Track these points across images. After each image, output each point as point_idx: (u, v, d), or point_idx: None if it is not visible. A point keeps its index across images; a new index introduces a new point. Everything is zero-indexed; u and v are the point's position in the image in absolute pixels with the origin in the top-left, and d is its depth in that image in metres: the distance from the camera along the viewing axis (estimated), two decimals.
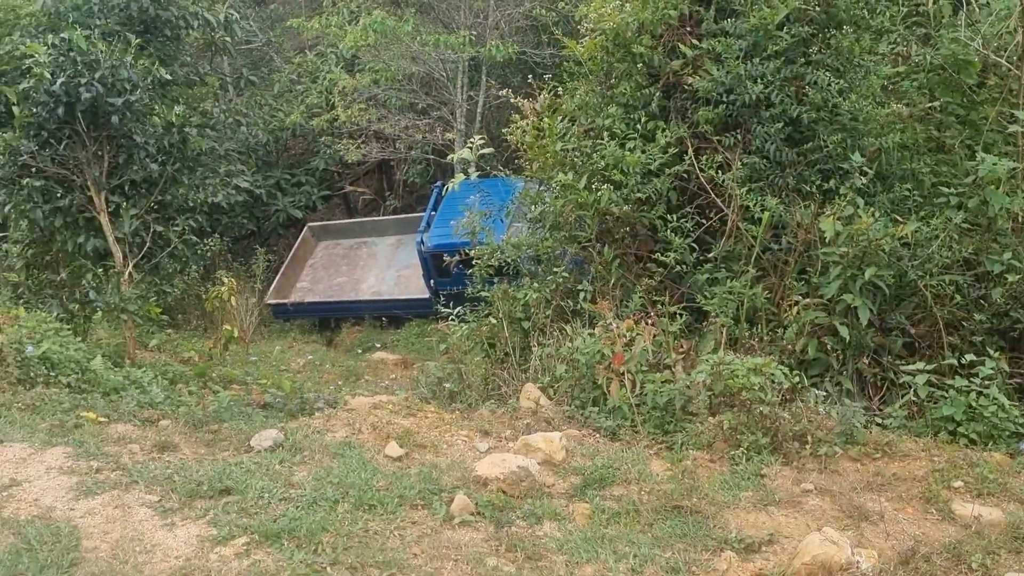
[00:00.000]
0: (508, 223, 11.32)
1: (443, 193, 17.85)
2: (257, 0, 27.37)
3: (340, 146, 19.55)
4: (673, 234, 8.26)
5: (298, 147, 24.81)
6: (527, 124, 9.93)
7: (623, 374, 6.89)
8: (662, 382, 6.77)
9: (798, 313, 7.60)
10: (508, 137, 10.05)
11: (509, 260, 9.58)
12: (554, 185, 9.13)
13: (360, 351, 17.73)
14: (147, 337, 15.03)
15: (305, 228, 20.84)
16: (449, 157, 19.13)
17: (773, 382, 6.11)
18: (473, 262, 10.03)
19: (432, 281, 17.26)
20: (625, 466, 5.73)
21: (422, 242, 17.06)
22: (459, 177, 10.78)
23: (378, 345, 17.58)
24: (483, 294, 9.47)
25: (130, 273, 10.64)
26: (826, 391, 6.90)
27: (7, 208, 10.52)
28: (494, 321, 9.18)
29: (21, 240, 11.59)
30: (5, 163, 10.42)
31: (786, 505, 5.24)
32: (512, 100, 9.87)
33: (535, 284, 8.91)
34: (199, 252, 12.17)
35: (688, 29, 8.76)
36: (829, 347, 7.54)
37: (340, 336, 18.84)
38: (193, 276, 16.38)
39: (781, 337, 7.75)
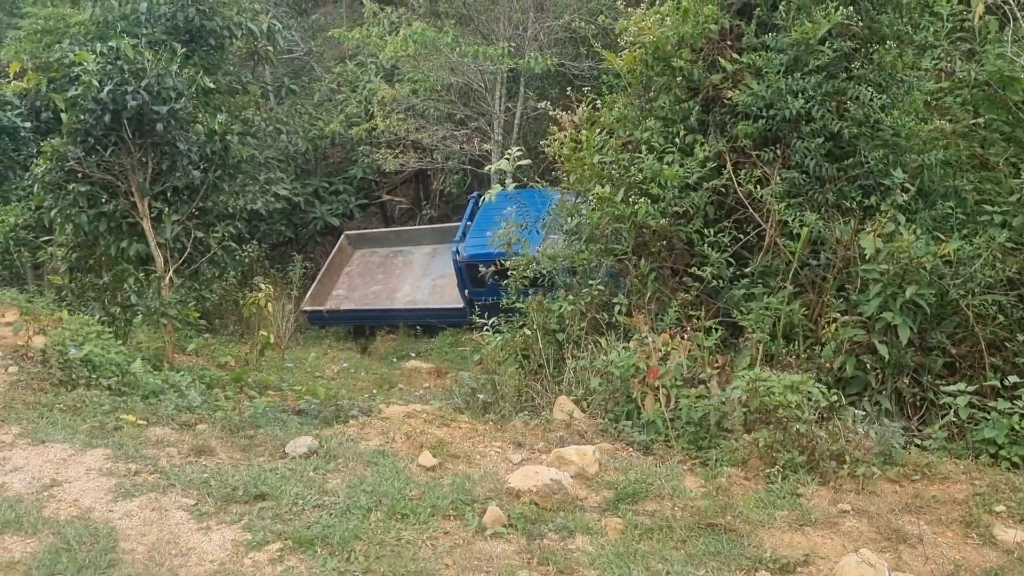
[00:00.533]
0: (544, 235, 11.33)
1: (479, 203, 17.92)
2: (299, 10, 27.76)
3: (378, 155, 19.70)
4: (710, 248, 8.20)
5: (336, 156, 25.05)
6: (565, 136, 9.93)
7: (658, 388, 6.84)
8: (696, 397, 6.71)
9: (836, 330, 7.50)
10: (545, 149, 10.05)
11: (544, 272, 9.57)
12: (591, 197, 9.11)
13: (394, 359, 17.81)
14: (185, 341, 15.23)
15: (342, 236, 21.01)
16: (486, 168, 19.19)
17: (810, 400, 6.03)
18: (508, 273, 10.05)
19: (466, 291, 17.32)
20: (658, 481, 5.68)
21: (457, 252, 17.13)
22: (496, 188, 10.82)
23: (412, 354, 17.65)
24: (518, 305, 9.46)
25: (170, 278, 10.79)
26: (864, 410, 6.80)
27: (53, 212, 10.73)
28: (528, 332, 9.17)
29: (66, 244, 11.81)
30: (53, 168, 10.64)
31: (822, 525, 5.16)
32: (550, 112, 9.87)
33: (570, 296, 8.89)
34: (237, 258, 12.33)
35: (728, 43, 8.72)
36: (868, 365, 7.43)
37: (374, 344, 18.95)
38: (231, 282, 16.59)
39: (818, 354, 7.65)
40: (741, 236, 8.34)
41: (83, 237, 11.15)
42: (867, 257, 7.53)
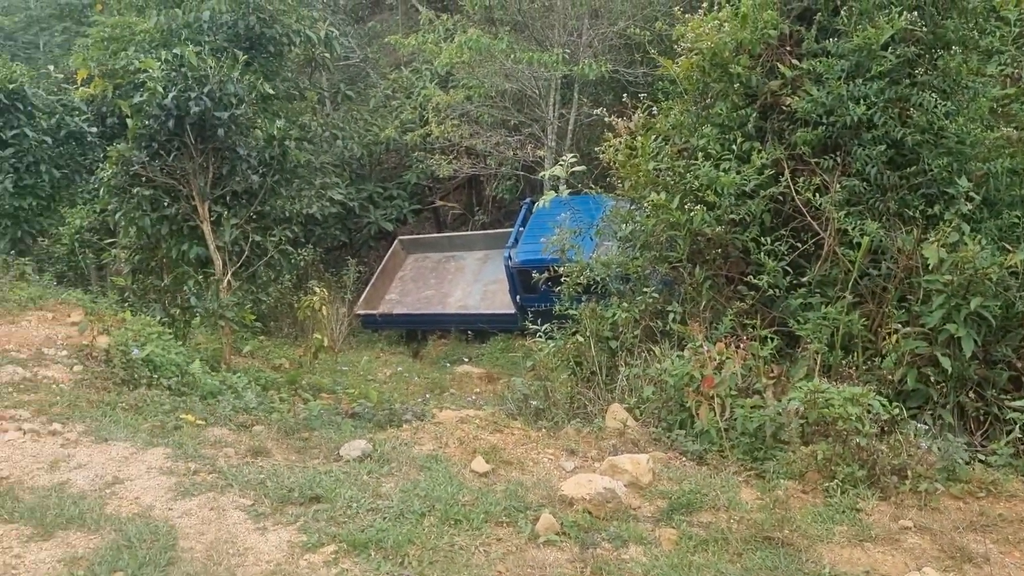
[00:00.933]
0: (597, 241, 11.27)
1: (532, 209, 17.93)
2: (356, 18, 28.09)
3: (432, 161, 19.82)
4: (766, 257, 8.08)
5: (391, 161, 25.28)
6: (620, 143, 9.87)
7: (712, 398, 6.75)
8: (752, 407, 6.60)
9: (897, 342, 7.33)
10: (600, 155, 10.00)
11: (598, 278, 9.52)
12: (646, 204, 9.03)
13: (445, 364, 17.88)
14: (241, 343, 15.48)
15: (395, 241, 21.18)
16: (540, 174, 19.20)
17: (870, 413, 5.89)
18: (561, 279, 10.02)
19: (518, 297, 17.32)
20: (713, 492, 5.60)
21: (509, 257, 17.14)
22: (550, 194, 10.81)
23: (464, 359, 17.70)
24: (571, 312, 9.42)
25: (228, 281, 10.97)
26: (925, 424, 6.63)
27: (118, 215, 10.98)
28: (581, 339, 9.13)
29: (128, 246, 12.09)
30: (118, 172, 10.90)
31: (883, 542, 5.03)
32: (606, 119, 9.81)
33: (624, 304, 8.82)
34: (293, 262, 12.49)
35: (788, 49, 8.59)
36: (930, 379, 7.24)
37: (426, 348, 19.05)
38: (286, 285, 16.84)
39: (878, 366, 7.48)
40: (798, 245, 8.19)
41: (145, 240, 11.39)
42: (930, 267, 7.35)
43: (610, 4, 18.12)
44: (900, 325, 7.48)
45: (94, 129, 16.97)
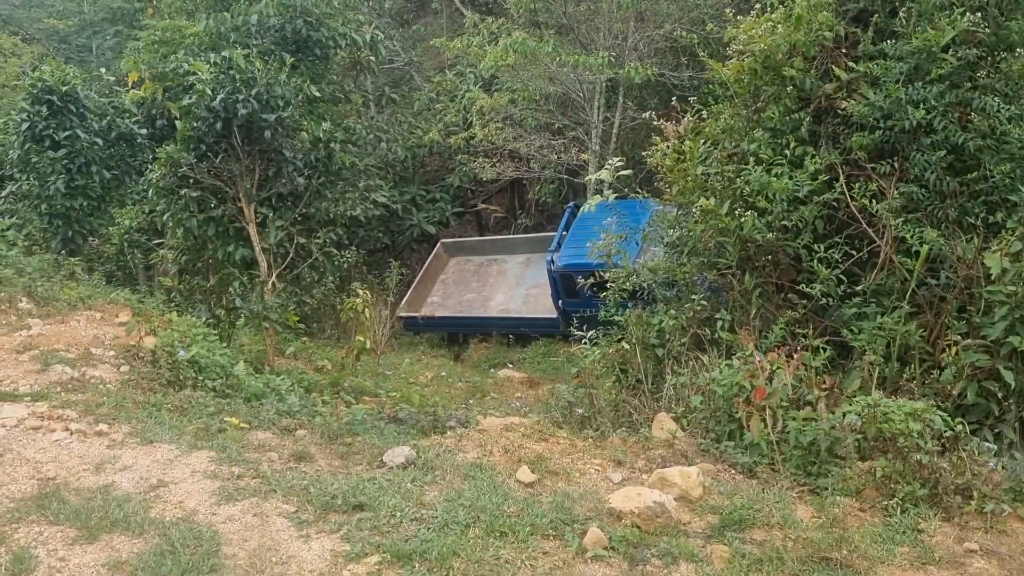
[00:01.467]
0: (642, 246, 11.08)
1: (576, 213, 17.76)
2: (401, 21, 28.15)
3: (476, 164, 19.73)
4: (820, 264, 7.83)
5: (433, 164, 25.27)
6: (668, 147, 9.68)
7: (764, 409, 6.54)
8: (805, 420, 6.38)
9: (957, 354, 7.05)
10: (648, 159, 9.81)
11: (644, 284, 9.34)
12: (694, 210, 8.83)
13: (487, 367, 17.78)
14: (284, 344, 15.53)
15: (438, 244, 21.13)
16: (586, 178, 19.03)
17: (931, 429, 5.64)
18: (607, 285, 9.86)
19: (560, 301, 17.17)
20: (767, 508, 5.40)
21: (552, 261, 16.99)
22: (596, 198, 10.65)
23: (506, 363, 17.59)
24: (616, 318, 9.25)
25: (273, 282, 10.97)
26: (986, 440, 6.35)
27: (165, 216, 11.04)
28: (627, 346, 8.95)
29: (176, 247, 12.16)
30: (167, 174, 10.96)
31: (947, 565, 4.80)
32: (654, 122, 9.62)
33: (671, 311, 8.63)
34: (336, 264, 12.47)
35: (843, 51, 8.34)
36: (991, 393, 6.96)
37: (467, 352, 18.97)
38: (329, 287, 16.88)
39: (937, 379, 7.21)
40: (852, 252, 7.93)
41: (192, 241, 11.44)
42: (992, 277, 7.06)
43: (656, 7, 17.91)
44: (959, 337, 7.21)
45: (144, 131, 17.15)
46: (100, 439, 6.43)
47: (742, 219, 8.01)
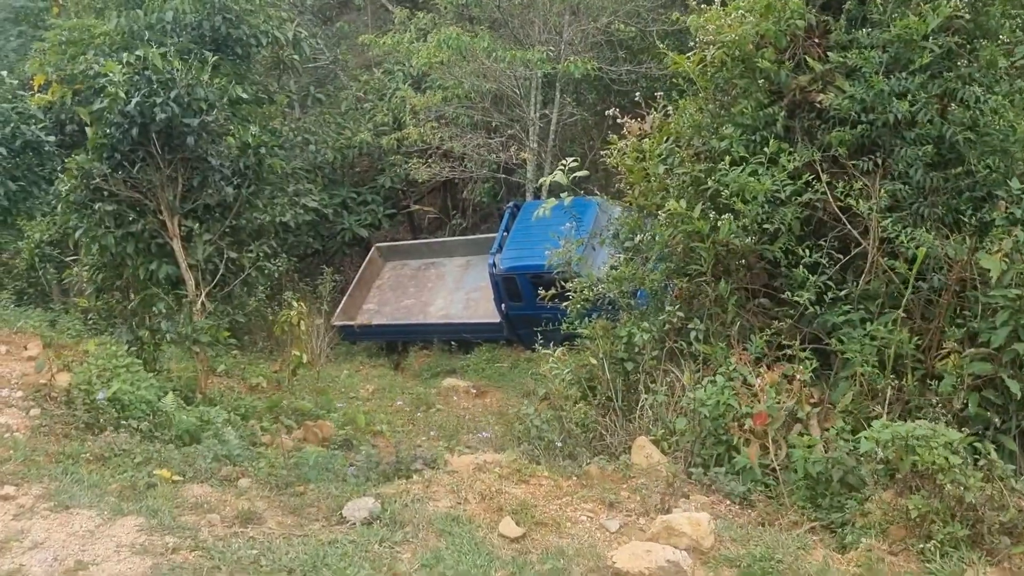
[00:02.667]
0: (588, 247, 10.36)
1: (516, 214, 16.98)
2: (323, 18, 26.92)
3: (409, 165, 18.76)
4: (804, 270, 7.20)
5: (363, 165, 24.18)
6: (626, 145, 8.96)
7: (764, 434, 5.86)
8: (809, 446, 5.73)
9: (956, 363, 6.49)
10: (606, 159, 9.07)
11: (610, 294, 8.60)
12: (660, 213, 8.12)
13: (428, 376, 16.90)
14: (215, 362, 14.37)
15: (372, 249, 20.10)
16: (527, 177, 18.25)
17: (971, 461, 5.02)
18: (552, 287, 9.17)
19: (503, 305, 16.38)
20: (787, 557, 4.71)
21: (494, 264, 16.18)
22: (551, 201, 9.83)
23: (451, 372, 16.70)
24: (581, 331, 8.49)
25: (203, 302, 9.88)
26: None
27: (78, 233, 9.84)
28: (593, 361, 8.21)
29: (92, 264, 10.94)
30: (78, 186, 9.75)
31: None
32: (619, 119, 8.86)
33: (645, 324, 7.90)
34: (267, 273, 11.37)
35: (816, 41, 7.72)
36: (991, 402, 6.43)
37: (408, 360, 18.02)
38: (260, 297, 15.75)
39: (933, 390, 6.65)
40: (838, 256, 7.33)
41: (110, 258, 10.24)
42: (990, 280, 6.52)
43: (592, 0, 17.19)
44: (955, 344, 6.66)
45: (52, 138, 15.68)
46: (6, 505, 5.39)
47: (718, 222, 7.33)
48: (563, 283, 9.39)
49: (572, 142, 19.18)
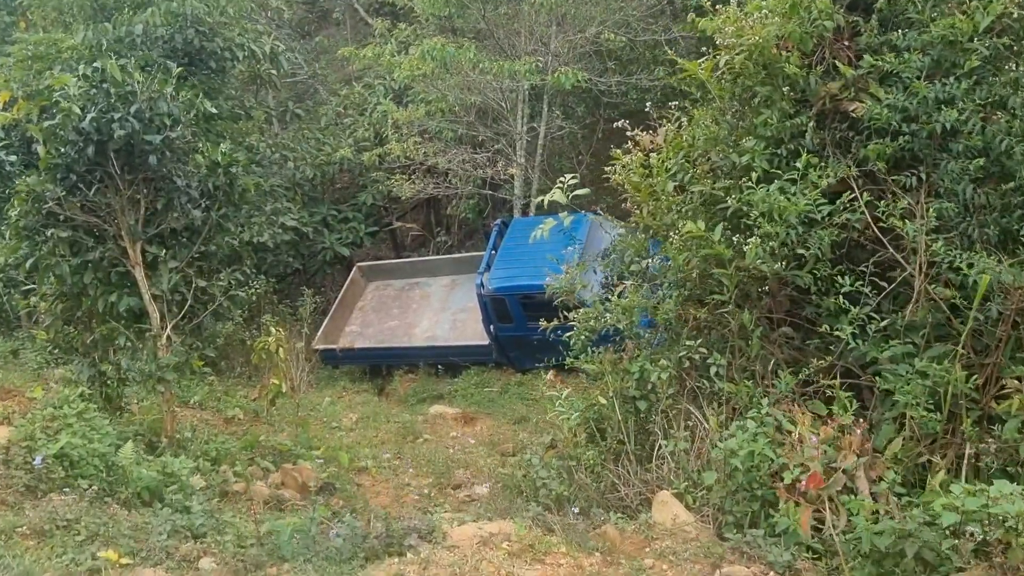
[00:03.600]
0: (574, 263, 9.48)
1: (504, 231, 16.07)
2: (301, 33, 25.97)
3: (393, 181, 17.79)
4: (841, 299, 6.32)
5: (343, 181, 23.19)
6: (631, 160, 8.08)
7: (818, 498, 4.96)
8: (873, 513, 4.82)
9: (1021, 404, 5.63)
10: (611, 176, 8.17)
11: (619, 327, 7.67)
12: (673, 235, 7.23)
13: (415, 401, 15.89)
14: (188, 392, 13.34)
15: (354, 268, 19.09)
16: (503, 191, 17.35)
17: None
18: (541, 304, 8.29)
19: (492, 326, 15.44)
20: None
21: (482, 284, 15.24)
22: (549, 222, 8.92)
23: (435, 395, 15.70)
24: (586, 365, 7.56)
25: (168, 336, 8.86)
26: None
27: (29, 263, 8.81)
28: (603, 400, 7.29)
29: (50, 294, 9.91)
30: (29, 211, 8.73)
31: None
32: (628, 132, 7.95)
33: (664, 361, 6.96)
34: (239, 302, 10.30)
35: (846, 43, 6.87)
36: None
37: (392, 384, 16.99)
38: (237, 321, 14.72)
39: (993, 434, 5.78)
40: (883, 284, 6.45)
41: (68, 288, 9.21)
42: None
43: (578, 10, 16.33)
44: (1016, 381, 5.80)
45: (13, 158, 14.56)
46: None
47: (746, 247, 6.43)
48: (562, 307, 8.53)
49: (560, 156, 18.31)
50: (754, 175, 6.53)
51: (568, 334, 8.04)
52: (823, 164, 6.56)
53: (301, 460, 9.88)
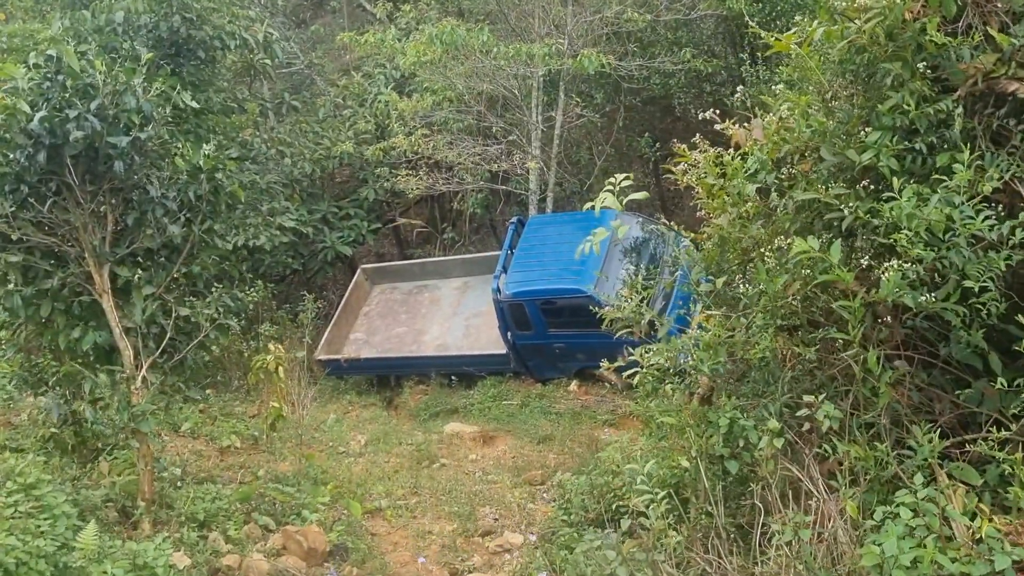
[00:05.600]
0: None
1: (520, 230, 14.41)
2: (296, 21, 24.16)
3: (399, 178, 16.05)
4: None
5: (343, 176, 21.46)
6: (700, 159, 6.38)
7: None
8: None
9: None
10: (676, 178, 6.48)
11: (694, 368, 5.99)
12: (767, 255, 5.57)
13: (427, 417, 14.26)
14: (178, 416, 11.72)
15: (358, 271, 17.40)
16: (512, 184, 15.63)
17: None
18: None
19: (509, 334, 13.80)
20: None
21: (498, 289, 13.60)
22: (601, 232, 7.16)
23: (453, 411, 14.03)
24: (664, 418, 5.90)
25: (143, 377, 7.17)
26: None
27: None
28: (685, 463, 5.63)
29: (8, 323, 8.24)
30: None
31: None
32: (718, 124, 6.19)
33: (772, 421, 5.28)
34: (229, 331, 8.56)
35: (998, 4, 5.17)
36: None
37: (402, 396, 15.33)
38: (234, 331, 13.09)
39: None
40: None
41: (25, 318, 7.52)
42: None
43: None
44: None
45: None
46: None
47: (886, 275, 4.75)
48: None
49: (577, 147, 16.59)
50: (891, 178, 4.83)
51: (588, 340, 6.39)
52: (980, 162, 4.87)
53: (306, 511, 8.21)
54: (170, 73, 14.38)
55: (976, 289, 4.64)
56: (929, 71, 5.20)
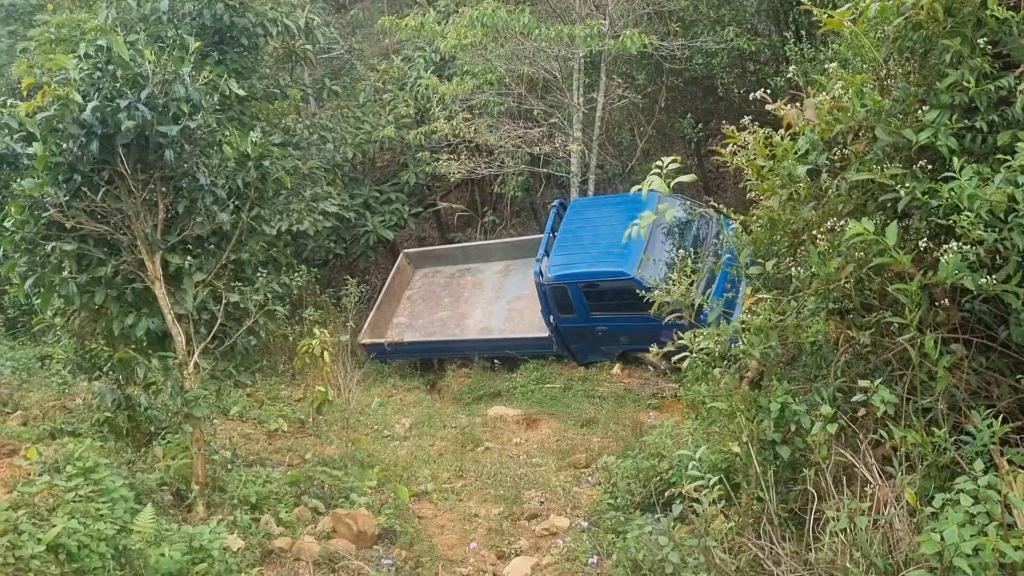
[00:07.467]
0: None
1: (562, 213, 14.35)
2: (336, 6, 24.22)
3: (442, 162, 16.06)
4: None
5: (384, 160, 21.54)
6: (750, 138, 6.28)
7: None
8: None
9: None
10: (725, 159, 6.39)
11: (742, 352, 5.92)
12: (820, 237, 5.47)
13: (470, 400, 14.32)
14: (226, 399, 11.89)
15: (401, 255, 17.48)
16: (552, 166, 15.54)
17: None
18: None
19: (552, 317, 13.78)
20: None
21: (540, 273, 13.57)
22: (648, 216, 7.07)
23: (496, 394, 14.08)
24: (715, 404, 5.84)
25: (195, 363, 7.30)
26: None
27: (28, 283, 7.27)
28: (736, 449, 5.58)
29: (62, 310, 8.43)
30: (26, 220, 7.19)
31: None
32: (769, 104, 6.08)
33: (825, 407, 5.20)
34: (279, 317, 8.67)
35: None
36: None
37: (445, 380, 15.42)
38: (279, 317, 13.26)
39: None
40: None
41: (77, 306, 7.68)
42: None
43: None
44: None
45: (32, 150, 13.06)
46: None
47: (944, 258, 4.64)
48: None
49: (619, 129, 16.44)
50: (954, 159, 4.71)
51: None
52: None
53: (354, 494, 8.32)
54: (216, 61, 14.57)
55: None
56: (989, 47, 5.08)
